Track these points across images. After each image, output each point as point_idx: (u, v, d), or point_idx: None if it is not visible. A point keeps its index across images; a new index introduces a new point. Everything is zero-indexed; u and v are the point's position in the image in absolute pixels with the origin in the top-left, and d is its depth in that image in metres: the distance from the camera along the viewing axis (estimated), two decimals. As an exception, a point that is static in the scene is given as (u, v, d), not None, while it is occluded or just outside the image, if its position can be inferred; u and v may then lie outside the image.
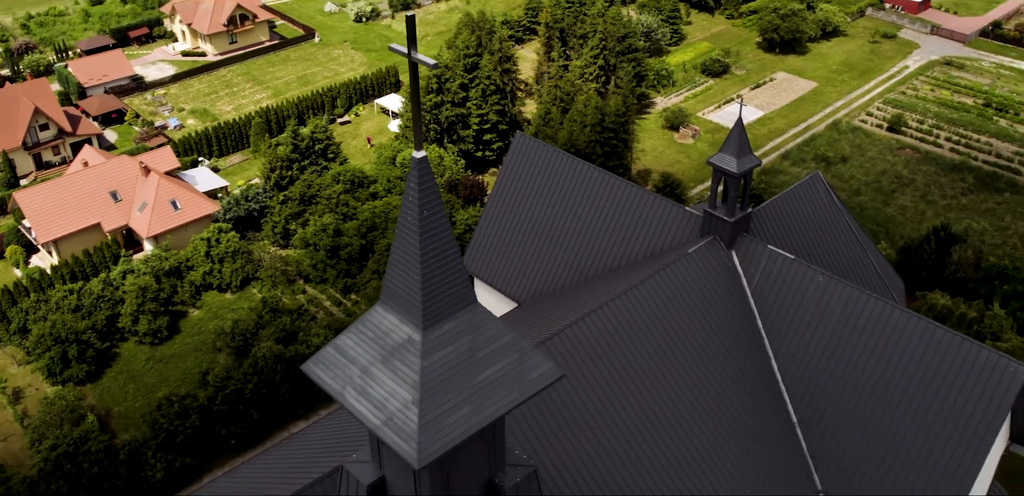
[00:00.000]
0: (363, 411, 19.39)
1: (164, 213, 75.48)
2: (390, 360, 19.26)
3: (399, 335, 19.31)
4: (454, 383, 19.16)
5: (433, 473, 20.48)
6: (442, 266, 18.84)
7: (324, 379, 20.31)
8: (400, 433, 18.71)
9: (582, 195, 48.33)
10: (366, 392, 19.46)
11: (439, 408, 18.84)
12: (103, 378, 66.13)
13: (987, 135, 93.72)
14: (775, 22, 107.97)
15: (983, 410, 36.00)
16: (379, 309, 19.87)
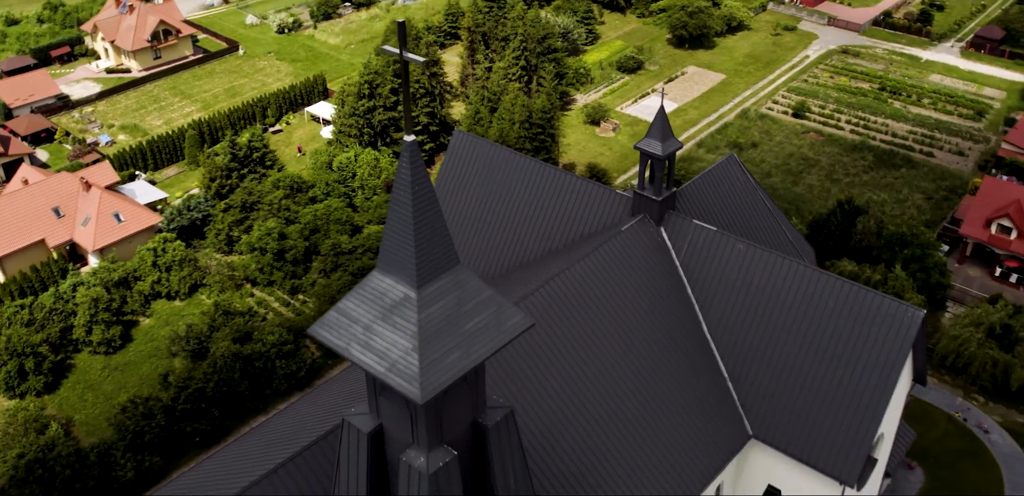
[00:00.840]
0: (368, 361, 22.79)
1: (108, 226, 76.84)
2: (389, 316, 22.71)
3: (396, 294, 22.77)
4: (445, 332, 22.70)
5: (428, 414, 23.92)
6: (431, 233, 22.40)
7: (329, 338, 23.63)
8: (404, 376, 22.15)
9: (520, 184, 52.21)
10: (369, 345, 22.85)
11: (435, 353, 22.35)
12: (61, 389, 67.40)
13: (883, 117, 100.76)
14: (684, 19, 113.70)
15: (887, 352, 40.94)
16: (377, 274, 23.29)
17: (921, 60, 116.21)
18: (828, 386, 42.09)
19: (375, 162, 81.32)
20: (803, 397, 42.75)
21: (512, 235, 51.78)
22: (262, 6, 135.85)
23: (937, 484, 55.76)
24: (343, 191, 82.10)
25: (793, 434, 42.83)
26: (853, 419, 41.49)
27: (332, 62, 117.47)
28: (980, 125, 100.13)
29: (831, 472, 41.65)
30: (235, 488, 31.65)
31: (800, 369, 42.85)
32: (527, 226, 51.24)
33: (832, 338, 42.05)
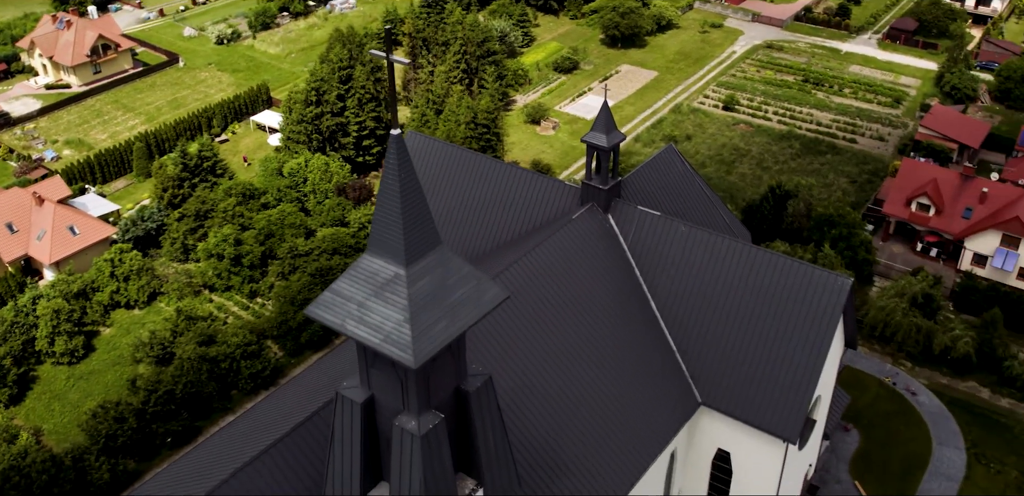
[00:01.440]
0: (363, 334, 25.49)
1: (63, 239, 77.68)
2: (381, 293, 25.44)
3: (387, 273, 25.52)
4: (432, 305, 25.51)
5: (419, 380, 26.68)
6: (417, 216, 25.19)
7: (325, 317, 26.30)
8: (398, 345, 24.90)
9: (472, 180, 55.17)
10: (363, 320, 25.56)
11: (424, 324, 25.15)
12: (27, 400, 68.24)
13: (808, 107, 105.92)
14: (615, 20, 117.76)
15: (820, 318, 44.78)
16: (367, 257, 26.00)
17: (841, 52, 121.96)
18: (768, 353, 45.77)
19: (325, 167, 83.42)
20: (746, 364, 46.37)
21: (468, 228, 54.65)
22: (198, 18, 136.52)
23: (871, 443, 60.05)
24: (295, 196, 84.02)
25: (739, 399, 46.40)
26: (792, 381, 45.20)
27: (273, 71, 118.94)
28: (898, 112, 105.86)
29: (774, 431, 45.28)
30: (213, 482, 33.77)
31: (742, 338, 46.47)
32: (482, 219, 54.16)
33: (770, 308, 45.74)
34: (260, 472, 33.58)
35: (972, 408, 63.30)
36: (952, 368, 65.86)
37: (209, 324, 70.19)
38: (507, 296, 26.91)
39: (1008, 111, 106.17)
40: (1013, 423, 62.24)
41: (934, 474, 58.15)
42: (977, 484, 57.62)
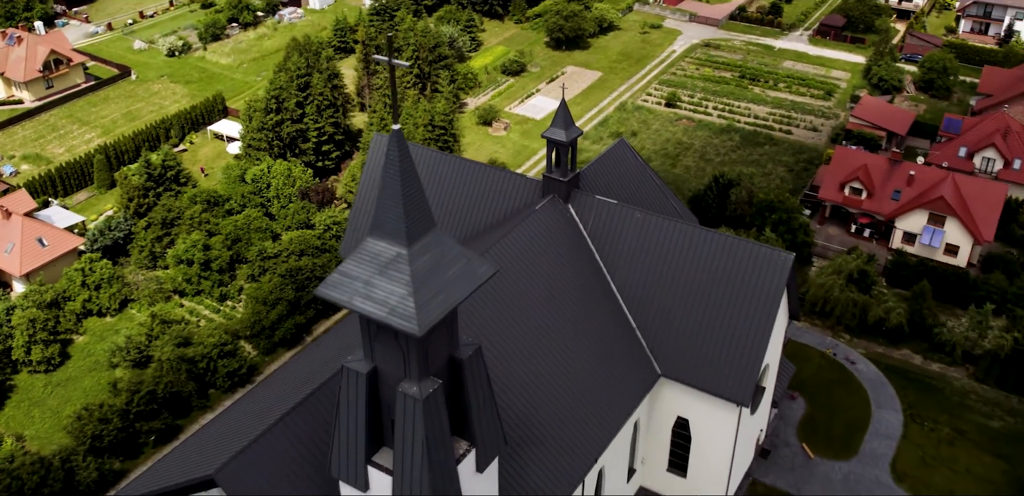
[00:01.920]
0: (370, 309, 28.80)
1: (32, 251, 79.27)
2: (386, 271, 28.81)
3: (390, 253, 28.89)
4: (431, 280, 28.94)
5: (420, 349, 30.02)
6: (416, 201, 28.61)
7: (334, 295, 29.57)
8: (403, 317, 28.27)
9: (439, 177, 58.71)
10: (370, 296, 28.89)
11: (425, 296, 28.58)
12: (5, 408, 69.89)
13: (745, 101, 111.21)
14: (559, 23, 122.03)
15: (766, 291, 49.14)
16: (371, 240, 29.34)
17: (775, 49, 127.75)
18: (721, 325, 50.00)
19: (288, 172, 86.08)
20: (700, 337, 50.56)
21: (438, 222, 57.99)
22: (147, 31, 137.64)
23: (816, 409, 64.84)
24: (259, 201, 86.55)
25: (695, 369, 50.59)
26: (743, 351, 49.48)
27: (227, 82, 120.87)
28: (830, 103, 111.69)
29: (729, 396, 49.58)
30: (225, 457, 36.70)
31: (696, 313, 50.66)
32: (450, 213, 57.69)
33: (720, 284, 50.00)
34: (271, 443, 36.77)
35: (906, 374, 68.49)
36: (887, 338, 71.05)
37: (184, 327, 72.49)
38: (496, 271, 30.51)
39: (932, 100, 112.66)
40: (944, 385, 67.53)
41: (874, 434, 63.08)
42: (913, 441, 62.67)
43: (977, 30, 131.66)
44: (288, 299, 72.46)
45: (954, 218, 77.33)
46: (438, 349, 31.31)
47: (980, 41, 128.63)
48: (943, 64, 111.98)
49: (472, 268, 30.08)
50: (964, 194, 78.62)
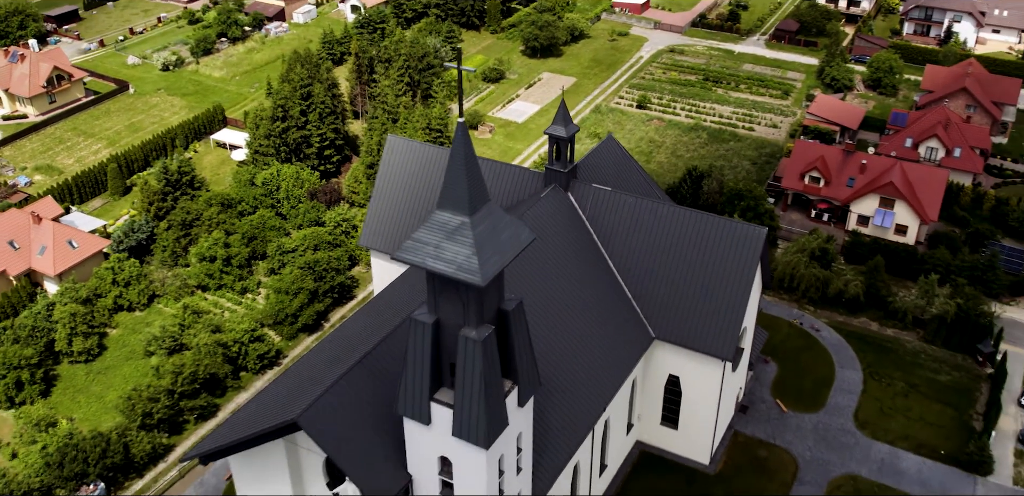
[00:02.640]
0: (441, 267, 36.44)
1: (64, 253, 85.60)
2: (452, 236, 36.47)
3: (455, 222, 36.57)
4: (488, 242, 36.65)
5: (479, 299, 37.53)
6: (476, 179, 36.30)
7: (409, 258, 37.14)
8: (468, 271, 35.93)
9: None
10: (440, 257, 36.55)
11: (485, 255, 36.28)
12: (52, 395, 76.23)
13: (710, 102, 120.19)
14: (535, 32, 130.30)
15: (743, 262, 57.53)
16: (438, 212, 36.93)
17: (734, 53, 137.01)
18: (705, 292, 58.27)
19: (296, 175, 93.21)
20: (688, 303, 58.80)
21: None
22: (138, 47, 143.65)
23: (786, 371, 73.42)
24: (270, 203, 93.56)
25: (684, 331, 58.82)
26: (726, 313, 57.78)
27: (221, 93, 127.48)
28: (787, 102, 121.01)
29: (714, 353, 57.86)
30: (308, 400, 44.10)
31: (683, 283, 58.89)
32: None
33: (703, 256, 58.29)
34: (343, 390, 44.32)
35: (865, 338, 77.38)
36: (846, 308, 79.93)
37: (215, 316, 79.32)
38: (535, 237, 38.36)
39: (880, 97, 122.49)
40: (897, 347, 76.49)
41: (838, 390, 71.77)
42: (872, 395, 71.43)
43: (919, 32, 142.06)
44: (308, 289, 79.61)
45: (902, 201, 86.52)
46: (490, 301, 39.03)
47: (922, 42, 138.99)
48: (889, 64, 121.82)
49: (518, 234, 37.97)
50: (911, 180, 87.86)
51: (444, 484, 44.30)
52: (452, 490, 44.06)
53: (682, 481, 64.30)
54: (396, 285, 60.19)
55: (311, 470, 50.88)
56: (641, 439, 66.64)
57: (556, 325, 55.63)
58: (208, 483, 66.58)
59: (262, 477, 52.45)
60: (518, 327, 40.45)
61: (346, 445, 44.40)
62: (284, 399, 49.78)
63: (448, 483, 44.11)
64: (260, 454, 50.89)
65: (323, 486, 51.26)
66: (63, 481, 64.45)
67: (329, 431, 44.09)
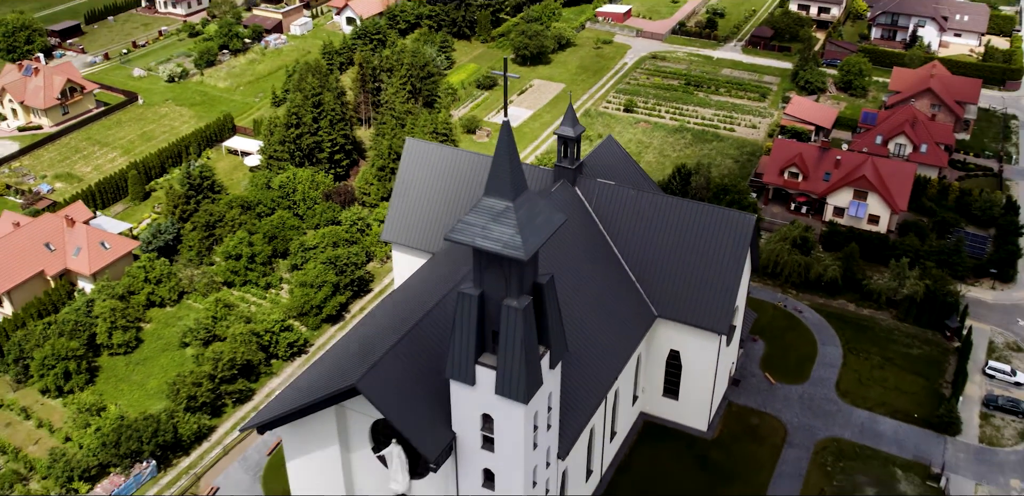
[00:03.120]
0: (488, 244, 43.14)
1: (97, 253, 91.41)
2: (498, 218, 43.21)
3: (500, 206, 43.33)
4: (528, 224, 43.46)
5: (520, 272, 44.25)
6: (517, 170, 43.09)
7: (460, 238, 43.82)
8: (513, 248, 42.68)
9: (465, 172, 73.18)
10: (487, 236, 43.27)
11: (526, 234, 43.08)
12: (96, 384, 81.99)
13: (692, 105, 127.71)
14: (524, 41, 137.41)
15: (735, 245, 64.70)
16: (485, 198, 43.63)
17: (713, 58, 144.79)
18: (702, 274, 65.34)
19: (312, 178, 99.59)
20: (687, 284, 65.85)
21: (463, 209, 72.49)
22: (141, 60, 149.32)
23: (773, 348, 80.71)
24: (287, 204, 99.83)
25: (684, 309, 65.86)
26: (720, 292, 64.86)
27: (227, 103, 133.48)
28: (765, 104, 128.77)
29: (712, 327, 64.94)
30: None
31: (682, 266, 65.94)
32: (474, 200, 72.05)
33: (698, 241, 65.36)
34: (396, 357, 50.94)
35: (843, 318, 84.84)
36: (825, 291, 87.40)
37: (246, 308, 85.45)
38: (566, 219, 45.24)
39: (851, 98, 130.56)
40: (873, 325, 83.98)
41: (820, 364, 79.12)
42: (851, 368, 78.82)
43: (886, 36, 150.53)
44: (331, 282, 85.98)
45: (874, 193, 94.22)
46: (527, 276, 45.79)
47: (889, 46, 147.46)
48: (859, 67, 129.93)
49: (551, 217, 44.86)
50: (881, 174, 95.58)
51: (485, 439, 50.92)
52: (492, 444, 50.70)
53: (683, 446, 71.25)
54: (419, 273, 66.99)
55: (357, 436, 57.54)
56: (645, 410, 73.56)
57: (569, 304, 62.40)
58: (251, 458, 72.74)
59: (311, 444, 58.99)
60: (550, 298, 47.22)
61: (399, 407, 50.99)
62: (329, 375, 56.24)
63: (489, 438, 50.73)
64: (310, 423, 57.43)
65: (368, 450, 57.94)
66: (119, 459, 70.42)
67: (384, 394, 50.66)
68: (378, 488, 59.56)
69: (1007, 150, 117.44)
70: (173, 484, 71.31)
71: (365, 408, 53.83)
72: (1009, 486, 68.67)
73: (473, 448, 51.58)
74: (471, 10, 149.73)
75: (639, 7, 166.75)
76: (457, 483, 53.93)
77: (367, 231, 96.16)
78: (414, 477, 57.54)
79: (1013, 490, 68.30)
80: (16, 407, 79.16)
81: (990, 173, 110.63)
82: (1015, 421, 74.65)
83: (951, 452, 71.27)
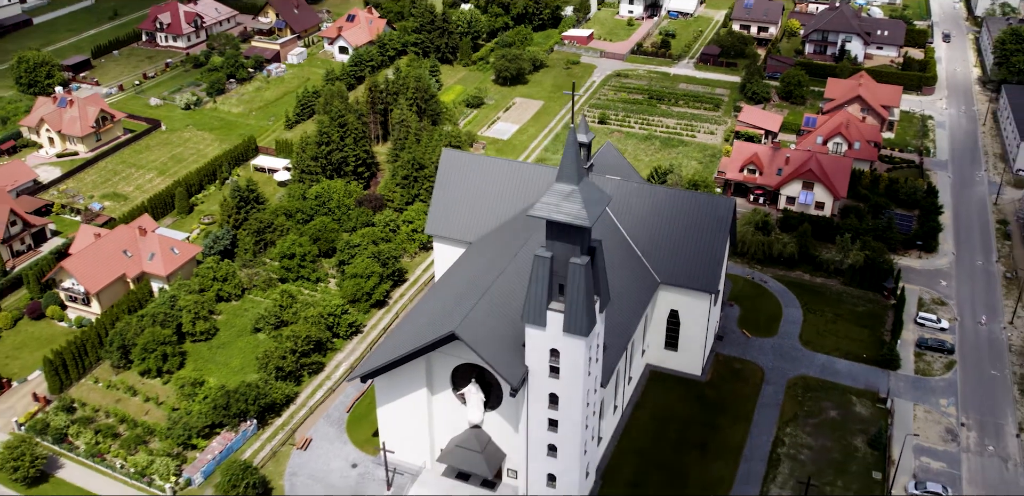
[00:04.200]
0: (562, 217, 60.91)
1: (169, 258, 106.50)
2: (568, 198, 60.96)
3: (568, 189, 61.03)
4: (590, 201, 61.38)
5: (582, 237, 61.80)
6: (580, 161, 60.87)
7: (541, 214, 61.34)
8: (580, 218, 60.52)
9: (493, 175, 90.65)
10: (560, 211, 60.95)
11: (589, 209, 60.97)
12: (187, 366, 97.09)
13: (657, 116, 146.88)
14: (505, 64, 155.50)
15: (719, 223, 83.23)
16: (557, 184, 61.23)
17: (670, 75, 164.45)
18: (695, 246, 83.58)
19: (345, 188, 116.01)
20: (682, 255, 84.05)
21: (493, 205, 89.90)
22: (154, 89, 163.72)
23: (747, 311, 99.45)
24: (324, 211, 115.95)
25: (681, 276, 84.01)
26: (710, 261, 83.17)
27: (243, 127, 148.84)
28: (719, 113, 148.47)
29: (704, 288, 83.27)
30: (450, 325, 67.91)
31: (678, 241, 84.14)
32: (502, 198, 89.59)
33: (690, 221, 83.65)
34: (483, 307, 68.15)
35: (800, 285, 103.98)
36: (784, 264, 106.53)
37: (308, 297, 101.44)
38: (611, 198, 63.07)
39: (792, 106, 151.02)
40: (825, 290, 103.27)
41: (785, 321, 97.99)
42: (810, 323, 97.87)
43: (818, 51, 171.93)
44: (377, 272, 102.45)
45: (819, 184, 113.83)
46: (586, 241, 63.30)
47: (821, 59, 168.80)
48: (797, 79, 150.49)
49: (603, 196, 62.62)
50: (824, 168, 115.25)
51: (552, 369, 68.07)
52: (558, 372, 67.85)
53: (683, 388, 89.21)
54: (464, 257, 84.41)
55: (440, 380, 74.46)
56: (650, 362, 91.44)
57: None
58: (333, 415, 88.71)
59: (401, 390, 75.61)
60: (600, 258, 64.84)
61: (486, 347, 68.06)
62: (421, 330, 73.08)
63: (555, 368, 67.88)
64: (400, 371, 74.18)
65: (447, 392, 74.84)
66: (229, 418, 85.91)
67: (476, 338, 67.75)
68: (455, 423, 76.41)
69: (926, 145, 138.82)
70: (272, 438, 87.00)
71: (457, 351, 70.71)
72: (939, 404, 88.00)
73: (542, 377, 68.68)
74: (452, 37, 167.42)
75: (599, 30, 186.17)
76: (527, 407, 70.91)
77: (397, 231, 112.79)
78: (488, 409, 74.65)
79: (941, 407, 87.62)
80: (123, 386, 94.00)
81: (912, 165, 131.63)
82: (941, 357, 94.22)
83: (893, 382, 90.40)
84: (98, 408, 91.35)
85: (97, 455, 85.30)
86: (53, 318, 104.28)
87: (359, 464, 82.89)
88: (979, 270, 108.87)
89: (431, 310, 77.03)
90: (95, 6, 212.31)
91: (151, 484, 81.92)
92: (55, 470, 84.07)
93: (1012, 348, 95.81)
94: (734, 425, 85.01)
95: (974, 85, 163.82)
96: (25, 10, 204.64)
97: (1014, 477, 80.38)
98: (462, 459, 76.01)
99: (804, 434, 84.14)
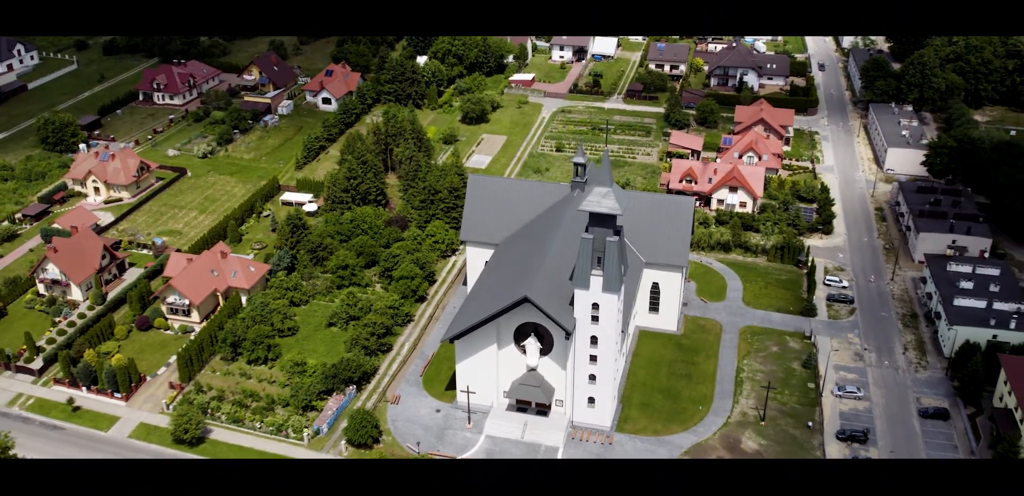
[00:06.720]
0: (602, 208, 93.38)
1: (248, 274, 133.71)
2: (606, 196, 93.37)
3: (604, 190, 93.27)
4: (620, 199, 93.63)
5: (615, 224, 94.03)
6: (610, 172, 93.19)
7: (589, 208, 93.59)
8: (614, 209, 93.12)
9: (511, 192, 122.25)
10: (600, 204, 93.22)
11: (620, 203, 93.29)
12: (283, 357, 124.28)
13: (602, 143, 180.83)
14: (470, 106, 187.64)
15: (684, 217, 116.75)
16: (595, 188, 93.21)
17: (605, 108, 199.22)
18: (669, 234, 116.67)
19: (375, 212, 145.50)
20: (659, 241, 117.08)
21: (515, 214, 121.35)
22: (166, 143, 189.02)
23: (701, 284, 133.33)
24: (358, 232, 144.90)
25: (659, 257, 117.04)
26: (678, 245, 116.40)
27: (258, 170, 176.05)
28: (651, 138, 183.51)
29: (676, 265, 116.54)
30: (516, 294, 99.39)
31: (655, 231, 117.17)
32: (520, 208, 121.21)
33: (663, 216, 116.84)
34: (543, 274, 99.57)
35: (737, 264, 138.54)
36: (722, 249, 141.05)
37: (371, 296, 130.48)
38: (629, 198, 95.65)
39: (708, 129, 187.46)
40: (756, 266, 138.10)
41: (730, 289, 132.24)
42: (748, 290, 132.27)
43: (721, 83, 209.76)
44: (419, 274, 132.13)
45: (742, 188, 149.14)
46: (615, 225, 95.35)
47: (725, 90, 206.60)
48: (709, 107, 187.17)
49: (626, 194, 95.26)
50: (743, 176, 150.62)
51: (593, 318, 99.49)
52: (598, 320, 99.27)
53: (665, 339, 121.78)
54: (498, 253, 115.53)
55: (504, 337, 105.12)
56: (639, 324, 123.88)
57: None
58: (411, 378, 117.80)
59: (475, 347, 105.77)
60: (623, 238, 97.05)
61: (548, 305, 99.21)
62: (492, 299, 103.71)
63: (595, 317, 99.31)
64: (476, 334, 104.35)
65: (510, 347, 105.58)
66: (337, 384, 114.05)
67: (540, 298, 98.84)
68: (514, 370, 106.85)
69: (815, 155, 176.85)
70: (369, 398, 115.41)
71: (522, 312, 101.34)
72: (847, 338, 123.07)
73: (586, 324, 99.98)
74: (420, 85, 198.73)
75: (538, 74, 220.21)
76: (575, 347, 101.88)
77: (422, 243, 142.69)
78: (542, 355, 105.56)
79: (849, 339, 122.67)
80: (237, 372, 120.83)
81: (807, 170, 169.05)
82: (845, 306, 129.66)
83: (814, 325, 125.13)
84: (223, 389, 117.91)
85: (238, 421, 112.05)
86: (159, 328, 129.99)
87: (441, 409, 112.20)
88: (865, 244, 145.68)
89: (491, 287, 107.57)
90: (79, 70, 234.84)
91: (288, 437, 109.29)
92: (207, 434, 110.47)
93: (894, 296, 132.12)
94: (707, 361, 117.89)
95: (848, 105, 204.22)
96: (19, 75, 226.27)
97: (904, 379, 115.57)
98: (525, 392, 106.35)
99: (756, 363, 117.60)
